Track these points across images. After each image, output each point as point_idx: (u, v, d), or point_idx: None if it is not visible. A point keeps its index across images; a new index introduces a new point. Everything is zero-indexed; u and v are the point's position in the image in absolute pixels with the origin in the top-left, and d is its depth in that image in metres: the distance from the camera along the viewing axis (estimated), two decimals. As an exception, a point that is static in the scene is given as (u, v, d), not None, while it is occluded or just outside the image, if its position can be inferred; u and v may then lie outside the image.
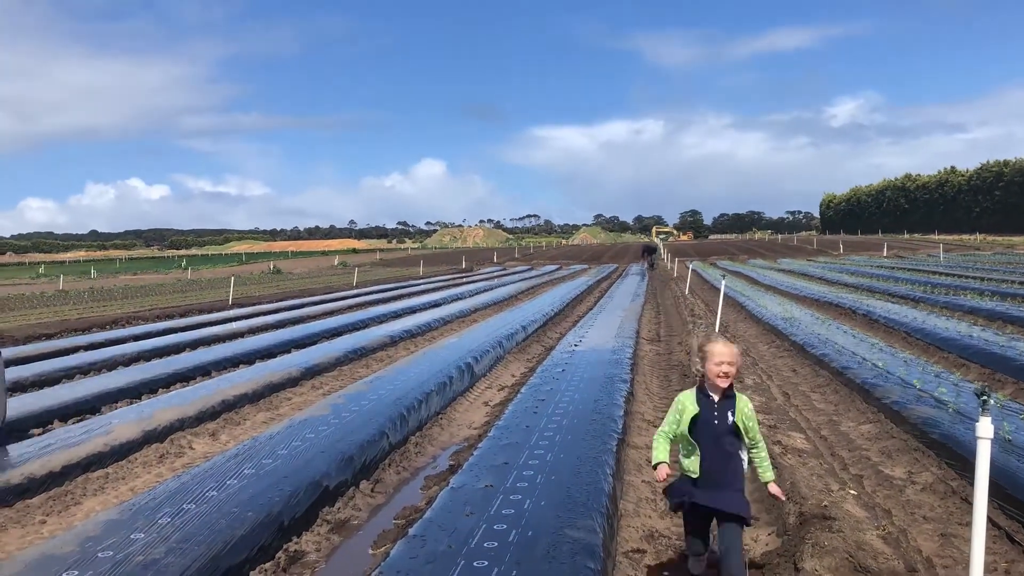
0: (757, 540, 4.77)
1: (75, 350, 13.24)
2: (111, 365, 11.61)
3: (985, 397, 3.06)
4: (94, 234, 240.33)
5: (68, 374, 10.84)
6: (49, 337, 15.73)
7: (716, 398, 3.95)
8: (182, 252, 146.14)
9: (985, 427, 3.09)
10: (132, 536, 4.45)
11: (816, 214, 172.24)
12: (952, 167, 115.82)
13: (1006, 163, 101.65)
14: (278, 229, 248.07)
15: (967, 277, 25.35)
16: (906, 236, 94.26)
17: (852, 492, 5.41)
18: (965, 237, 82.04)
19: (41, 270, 68.14)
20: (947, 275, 27.34)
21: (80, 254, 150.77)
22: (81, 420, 8.07)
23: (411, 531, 4.57)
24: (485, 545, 4.25)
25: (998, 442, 5.72)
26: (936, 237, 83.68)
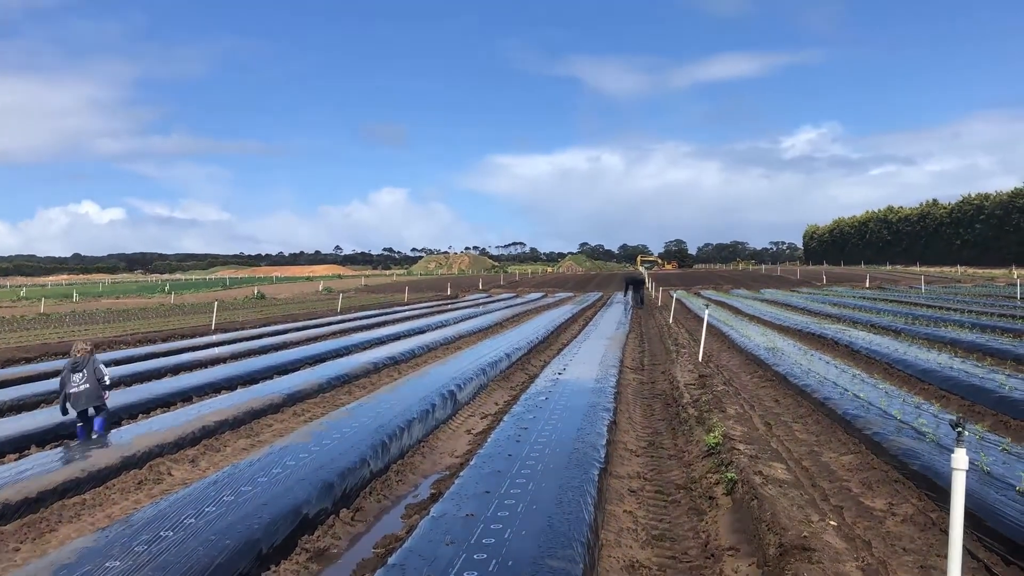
0: (737, 571, 4.76)
1: (55, 374, 13.10)
2: (91, 390, 11.48)
3: (960, 429, 3.08)
4: (77, 257, 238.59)
5: (46, 399, 10.73)
6: (28, 361, 15.57)
7: None
8: (165, 277, 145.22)
9: (960, 459, 3.12)
10: (107, 564, 4.39)
11: (800, 245, 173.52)
12: (934, 200, 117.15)
13: (986, 196, 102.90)
14: (262, 254, 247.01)
15: (948, 309, 25.58)
16: (889, 268, 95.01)
17: (832, 523, 5.42)
18: (946, 269, 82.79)
19: (23, 293, 67.52)
20: (928, 307, 27.57)
21: (62, 278, 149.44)
22: (59, 445, 7.98)
23: (390, 560, 4.54)
24: (465, 575, 4.23)
25: (977, 474, 5.76)
26: (918, 269, 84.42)
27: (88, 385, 7.97)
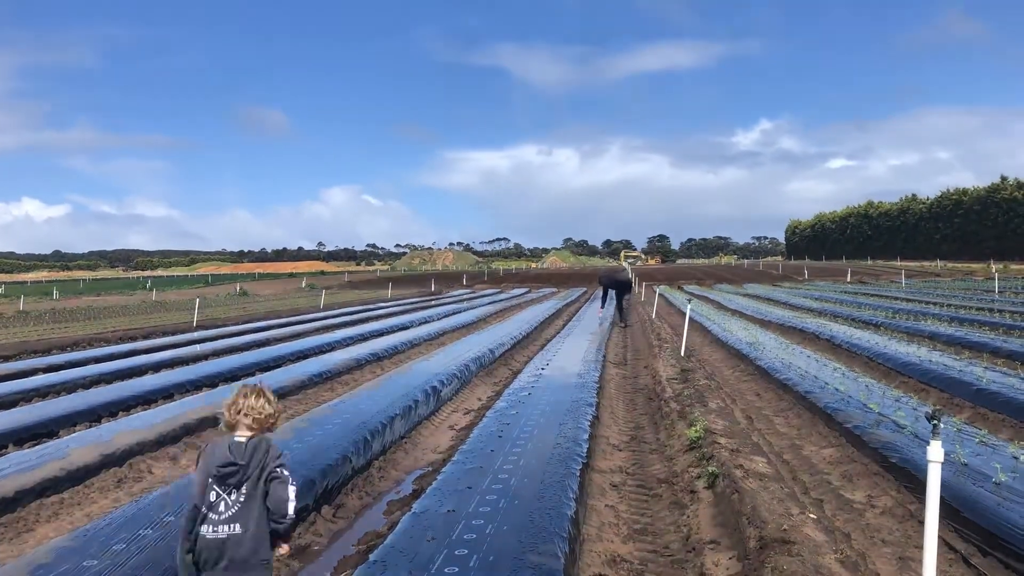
0: (718, 564, 4.79)
1: (34, 372, 12.99)
2: (71, 388, 11.39)
3: (936, 421, 3.11)
4: (57, 254, 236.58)
5: (26, 397, 10.62)
6: (7, 359, 15.42)
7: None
8: (147, 273, 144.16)
9: (936, 451, 3.14)
10: (84, 563, 4.36)
11: (782, 240, 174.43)
12: (913, 195, 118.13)
13: (964, 191, 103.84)
14: (245, 251, 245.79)
15: (927, 303, 25.81)
16: (869, 262, 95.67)
17: (812, 516, 5.46)
18: (926, 264, 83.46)
19: (1, 291, 66.85)
20: (908, 301, 27.81)
21: (42, 275, 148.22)
22: (37, 444, 7.90)
23: (372, 557, 4.54)
24: (446, 570, 4.23)
25: (955, 466, 5.82)
26: (899, 263, 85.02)
27: (248, 525, 3.47)
